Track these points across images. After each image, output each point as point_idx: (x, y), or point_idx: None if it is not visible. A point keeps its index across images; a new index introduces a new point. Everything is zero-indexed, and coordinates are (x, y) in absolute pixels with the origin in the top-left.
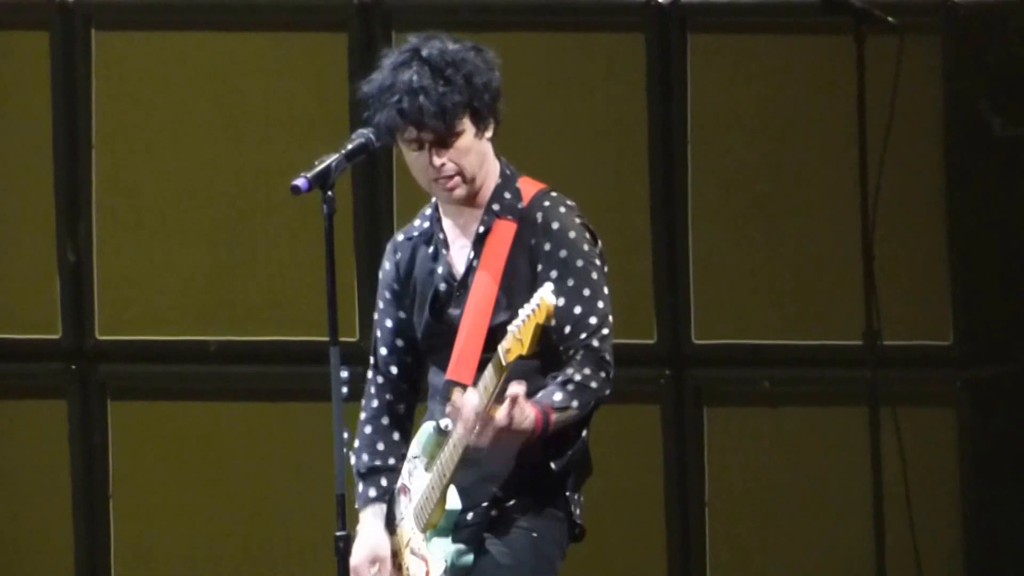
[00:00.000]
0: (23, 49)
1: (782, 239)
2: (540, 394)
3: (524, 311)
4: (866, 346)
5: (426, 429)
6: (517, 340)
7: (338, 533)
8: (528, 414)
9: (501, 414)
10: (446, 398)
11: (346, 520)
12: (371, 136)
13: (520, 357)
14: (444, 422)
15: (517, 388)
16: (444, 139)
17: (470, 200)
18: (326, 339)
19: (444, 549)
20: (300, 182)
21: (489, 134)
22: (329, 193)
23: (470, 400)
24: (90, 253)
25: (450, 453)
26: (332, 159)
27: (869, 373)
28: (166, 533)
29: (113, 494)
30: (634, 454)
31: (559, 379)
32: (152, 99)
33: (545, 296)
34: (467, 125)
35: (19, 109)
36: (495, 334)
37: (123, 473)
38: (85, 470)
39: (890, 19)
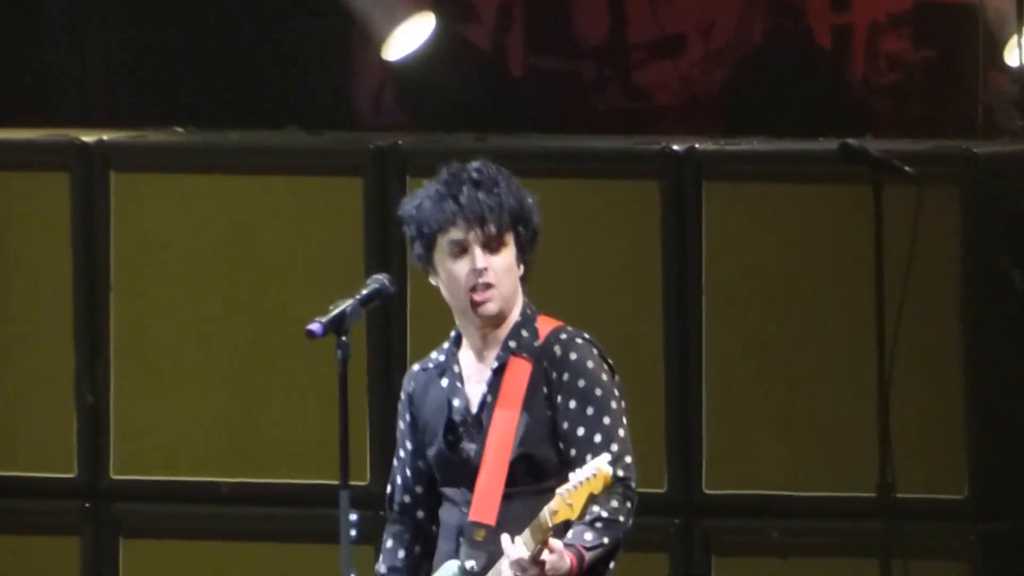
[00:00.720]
0: (44, 190)
1: (797, 390)
2: (570, 535)
3: (577, 476)
4: (879, 498)
5: (450, 568)
6: (567, 504)
7: None
8: (565, 560)
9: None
10: (469, 539)
11: None
12: (386, 282)
13: (568, 520)
14: (469, 564)
15: (552, 540)
16: (492, 242)
17: (496, 324)
18: (337, 482)
19: None
20: (315, 327)
21: (522, 271)
22: (343, 338)
23: (513, 551)
24: (107, 394)
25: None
26: (347, 304)
27: (882, 526)
28: None
29: None
30: None
31: (587, 518)
32: (169, 241)
33: (601, 467)
34: (511, 244)
35: (40, 249)
36: (514, 470)
37: None
38: None
39: (908, 169)
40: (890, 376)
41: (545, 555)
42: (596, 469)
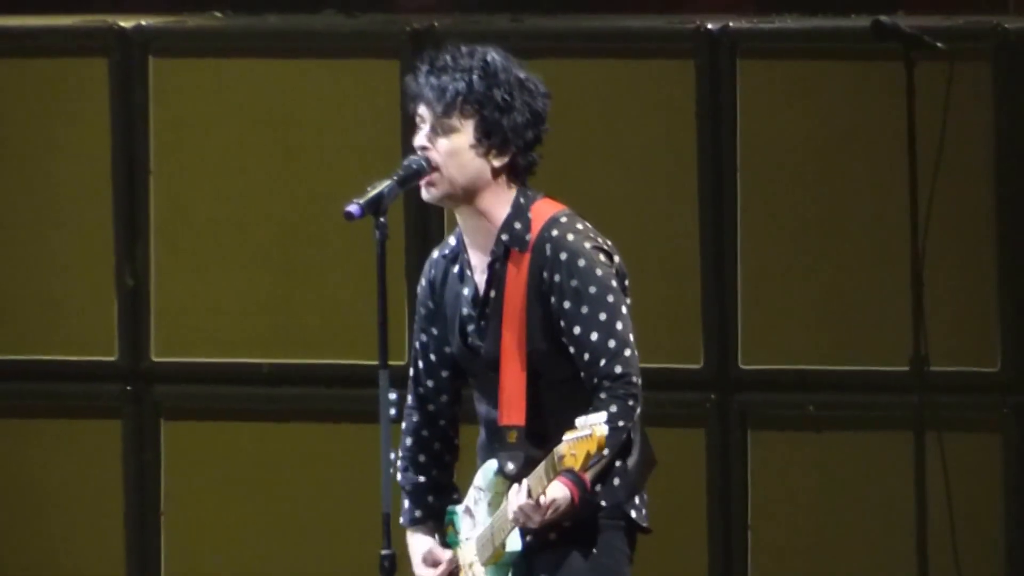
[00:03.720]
0: (82, 76)
1: (831, 264)
2: None
3: (580, 429)
4: (913, 372)
5: (490, 467)
6: (572, 455)
7: (383, 552)
8: (564, 492)
9: (548, 504)
10: (502, 442)
11: (391, 539)
12: (423, 162)
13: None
14: (509, 467)
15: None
16: (439, 124)
17: (468, 213)
18: (376, 362)
19: None
20: (353, 208)
21: (496, 162)
22: (382, 219)
23: (515, 499)
24: (147, 277)
25: (504, 519)
26: (384, 185)
27: (915, 399)
28: (216, 550)
29: (164, 511)
30: (679, 476)
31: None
32: (208, 125)
33: (597, 427)
34: (467, 129)
35: (79, 135)
36: (532, 365)
37: (175, 491)
38: (138, 488)
39: (939, 45)
40: (923, 251)
41: (543, 499)
42: (591, 429)
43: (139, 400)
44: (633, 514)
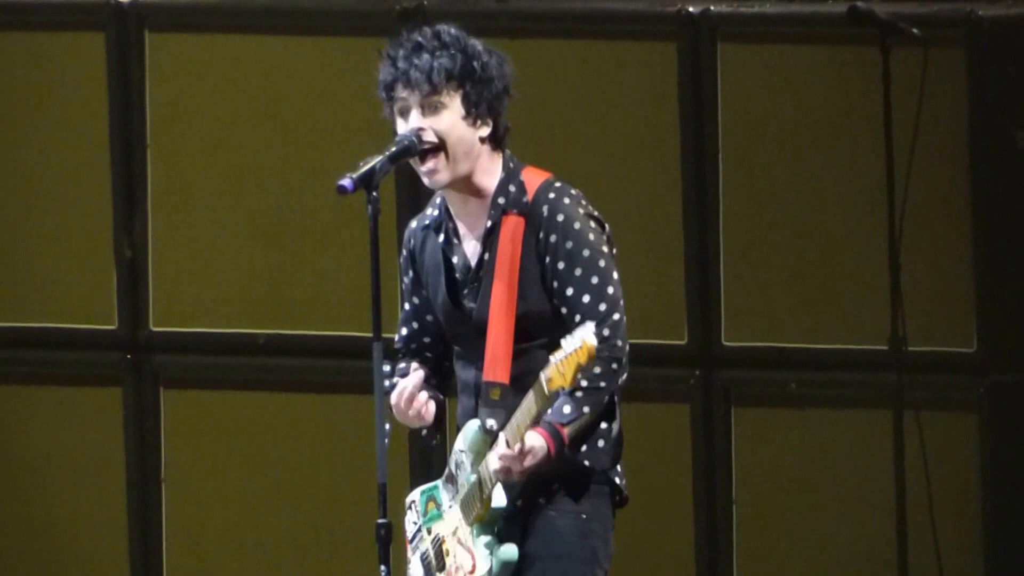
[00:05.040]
0: (79, 50)
1: (811, 245)
2: (550, 412)
3: (567, 346)
4: (891, 351)
5: (471, 427)
6: (560, 373)
7: (380, 521)
8: (539, 440)
9: (502, 464)
10: (486, 399)
11: (387, 508)
12: (414, 139)
13: (561, 388)
14: (490, 423)
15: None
16: (429, 103)
17: (461, 187)
18: (369, 335)
19: (491, 547)
20: (346, 183)
21: (483, 132)
22: (374, 194)
23: (497, 449)
24: (145, 248)
25: (490, 471)
26: (376, 161)
27: (894, 378)
28: (215, 515)
29: (165, 478)
30: (663, 452)
31: (567, 389)
32: (204, 99)
33: (586, 337)
34: (455, 103)
35: (77, 109)
36: (520, 327)
37: (174, 458)
38: (138, 455)
39: (915, 31)
40: (900, 232)
41: (518, 447)
42: (581, 341)
43: (139, 369)
44: (617, 481)
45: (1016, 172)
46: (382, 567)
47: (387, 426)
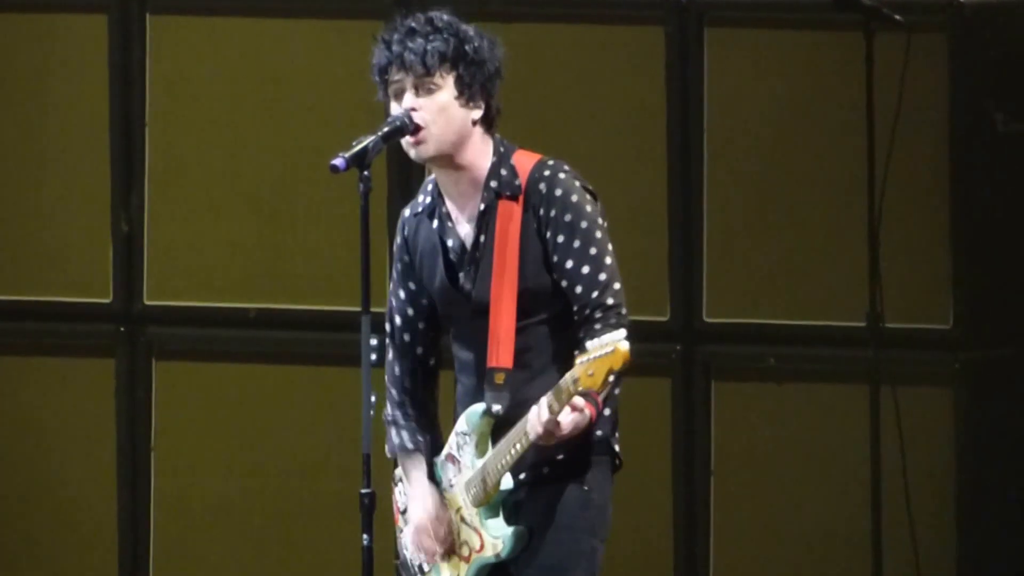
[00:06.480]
0: (82, 31)
1: (792, 224)
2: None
3: (598, 350)
4: (869, 328)
5: (475, 410)
6: (588, 375)
7: (363, 490)
8: (586, 414)
9: (567, 423)
10: (490, 383)
11: (371, 478)
12: (405, 119)
13: (591, 389)
14: (496, 407)
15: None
16: (423, 84)
17: (447, 165)
18: (358, 308)
19: (498, 527)
20: (338, 161)
21: (476, 114)
22: (365, 172)
23: (538, 416)
24: (141, 223)
25: (509, 447)
26: (369, 140)
27: (871, 353)
28: (203, 485)
29: (155, 447)
30: (646, 424)
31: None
32: (202, 80)
33: (620, 344)
34: (448, 85)
35: (78, 88)
36: (521, 305)
37: (165, 428)
38: (129, 424)
39: (898, 17)
40: (880, 212)
41: (563, 416)
42: (614, 346)
43: (132, 341)
44: (616, 448)
45: (995, 154)
46: (364, 535)
47: (373, 398)
